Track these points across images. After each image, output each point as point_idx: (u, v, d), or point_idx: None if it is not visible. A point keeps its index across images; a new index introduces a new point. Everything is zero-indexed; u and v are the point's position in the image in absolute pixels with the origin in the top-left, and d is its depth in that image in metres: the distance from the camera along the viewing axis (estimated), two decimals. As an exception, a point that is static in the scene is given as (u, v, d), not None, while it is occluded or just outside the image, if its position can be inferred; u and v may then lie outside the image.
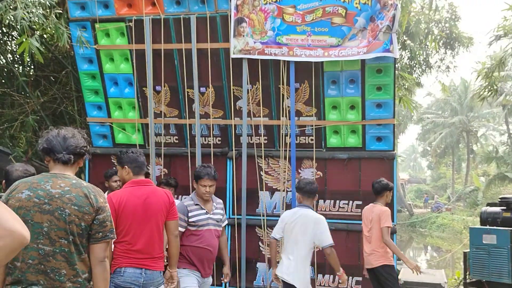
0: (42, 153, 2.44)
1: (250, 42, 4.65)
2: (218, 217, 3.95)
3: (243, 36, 4.65)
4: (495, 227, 7.19)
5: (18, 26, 4.59)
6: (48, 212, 2.26)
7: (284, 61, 4.69)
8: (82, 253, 2.34)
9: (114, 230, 2.45)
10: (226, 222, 4.20)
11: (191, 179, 5.17)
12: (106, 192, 4.38)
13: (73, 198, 2.30)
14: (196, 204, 3.85)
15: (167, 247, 3.50)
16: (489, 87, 9.34)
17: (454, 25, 13.05)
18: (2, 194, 2.59)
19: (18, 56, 7.23)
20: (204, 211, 3.86)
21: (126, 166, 3.41)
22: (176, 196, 5.23)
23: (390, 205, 4.79)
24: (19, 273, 2.24)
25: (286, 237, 4.08)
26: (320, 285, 4.94)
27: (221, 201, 4.12)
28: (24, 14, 4.52)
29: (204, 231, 3.83)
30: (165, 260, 3.52)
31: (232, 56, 4.73)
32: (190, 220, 3.78)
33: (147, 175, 3.62)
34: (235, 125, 5.08)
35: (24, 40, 4.53)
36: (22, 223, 1.42)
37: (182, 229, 3.76)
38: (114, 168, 5.03)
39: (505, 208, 7.56)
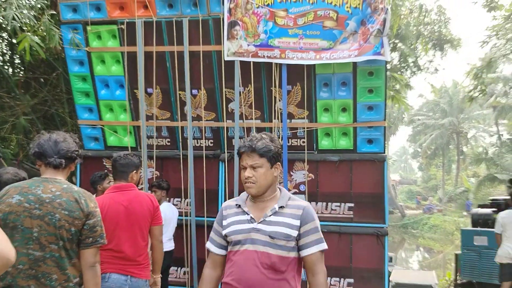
0: (34, 157, 2.43)
1: (244, 45, 4.66)
2: (275, 230, 2.22)
3: (237, 39, 4.66)
4: (486, 229, 7.27)
5: (8, 27, 4.55)
6: (38, 217, 2.25)
7: (276, 63, 4.70)
8: (72, 258, 2.33)
9: (105, 235, 2.45)
10: (317, 247, 2.27)
11: (183, 181, 5.17)
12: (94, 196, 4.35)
13: (63, 203, 2.29)
14: (238, 206, 2.35)
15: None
16: (479, 86, 9.44)
17: (444, 27, 13.16)
18: None
19: (8, 57, 7.18)
20: (247, 217, 2.28)
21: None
22: (168, 199, 5.22)
23: (381, 206, 4.83)
24: (9, 278, 2.23)
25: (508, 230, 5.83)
26: (312, 287, 4.95)
27: (300, 203, 2.33)
28: (16, 15, 4.49)
29: (239, 253, 2.25)
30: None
31: (226, 58, 4.74)
32: (224, 232, 2.33)
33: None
34: (227, 128, 5.08)
35: (23, 38, 4.49)
36: (9, 243, 1.40)
37: (221, 252, 2.37)
38: (105, 171, 5.02)
39: (495, 209, 7.65)
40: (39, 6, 4.82)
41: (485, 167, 29.38)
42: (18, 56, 6.84)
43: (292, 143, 5.03)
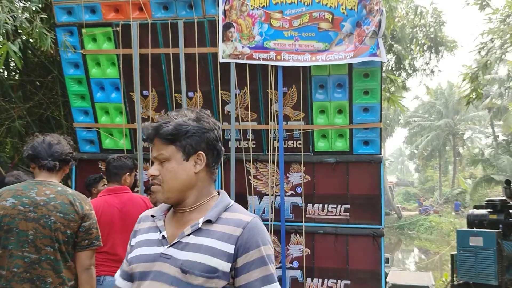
0: (28, 160, 2.43)
1: (239, 47, 4.66)
2: (190, 258, 1.43)
3: (232, 41, 4.66)
4: (481, 229, 7.29)
5: (2, 30, 4.53)
6: (33, 220, 2.25)
7: (272, 65, 4.70)
8: (68, 260, 2.33)
9: (100, 237, 2.44)
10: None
11: (179, 184, 5.14)
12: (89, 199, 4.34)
13: (58, 206, 2.29)
14: (154, 217, 1.61)
15: None
16: (475, 91, 9.49)
17: (439, 30, 13.21)
18: None
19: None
20: (159, 235, 1.54)
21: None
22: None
23: (378, 208, 4.83)
24: (4, 282, 2.22)
25: None
26: (309, 289, 4.95)
27: (241, 217, 1.51)
28: (8, 18, 4.47)
29: None
30: None
31: (221, 60, 4.74)
32: (128, 256, 1.61)
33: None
34: (223, 130, 5.07)
35: (2, 45, 4.49)
36: None
37: (125, 285, 1.60)
38: (100, 174, 5.00)
39: (491, 210, 7.67)
40: (33, 8, 4.80)
41: (482, 168, 29.51)
42: (13, 59, 6.82)
43: (288, 145, 5.02)
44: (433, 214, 29.64)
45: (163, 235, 1.51)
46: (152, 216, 1.60)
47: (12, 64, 7.06)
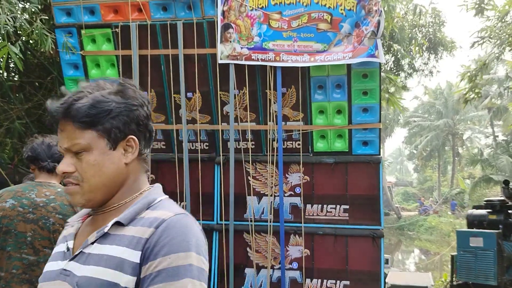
0: (27, 161, 2.43)
1: (237, 48, 4.66)
2: (86, 274, 1.09)
3: (230, 42, 4.67)
4: (481, 230, 7.31)
5: (2, 31, 4.54)
6: (32, 221, 2.25)
7: (271, 66, 4.71)
8: (67, 262, 2.33)
9: None
10: None
11: (179, 185, 5.15)
12: None
13: (57, 207, 2.29)
14: (67, 224, 1.38)
15: None
16: (473, 89, 9.52)
17: (438, 30, 13.23)
18: None
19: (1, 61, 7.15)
20: (64, 247, 1.25)
21: None
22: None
23: (377, 208, 4.83)
24: (3, 283, 2.22)
25: None
26: (308, 289, 4.95)
27: (158, 215, 1.14)
28: (8, 20, 4.48)
29: None
30: None
31: (220, 61, 4.74)
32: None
33: None
34: (222, 130, 5.07)
35: (2, 46, 4.49)
36: None
37: None
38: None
39: (490, 210, 7.69)
40: (32, 10, 4.81)
41: (481, 168, 29.52)
42: (12, 60, 6.83)
43: (287, 145, 5.03)
44: (432, 214, 29.65)
45: (68, 247, 1.20)
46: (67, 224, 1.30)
47: (12, 65, 7.07)
